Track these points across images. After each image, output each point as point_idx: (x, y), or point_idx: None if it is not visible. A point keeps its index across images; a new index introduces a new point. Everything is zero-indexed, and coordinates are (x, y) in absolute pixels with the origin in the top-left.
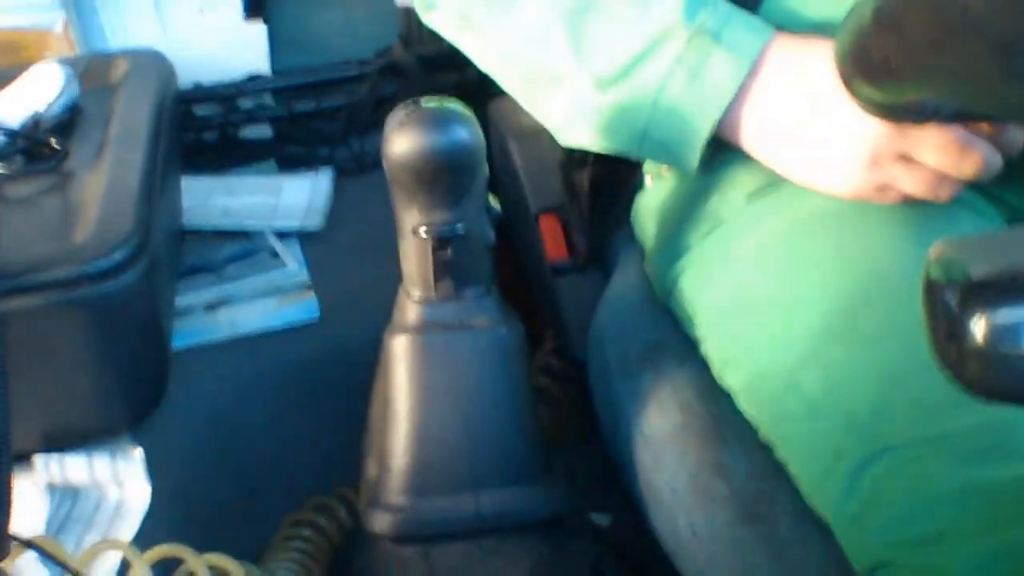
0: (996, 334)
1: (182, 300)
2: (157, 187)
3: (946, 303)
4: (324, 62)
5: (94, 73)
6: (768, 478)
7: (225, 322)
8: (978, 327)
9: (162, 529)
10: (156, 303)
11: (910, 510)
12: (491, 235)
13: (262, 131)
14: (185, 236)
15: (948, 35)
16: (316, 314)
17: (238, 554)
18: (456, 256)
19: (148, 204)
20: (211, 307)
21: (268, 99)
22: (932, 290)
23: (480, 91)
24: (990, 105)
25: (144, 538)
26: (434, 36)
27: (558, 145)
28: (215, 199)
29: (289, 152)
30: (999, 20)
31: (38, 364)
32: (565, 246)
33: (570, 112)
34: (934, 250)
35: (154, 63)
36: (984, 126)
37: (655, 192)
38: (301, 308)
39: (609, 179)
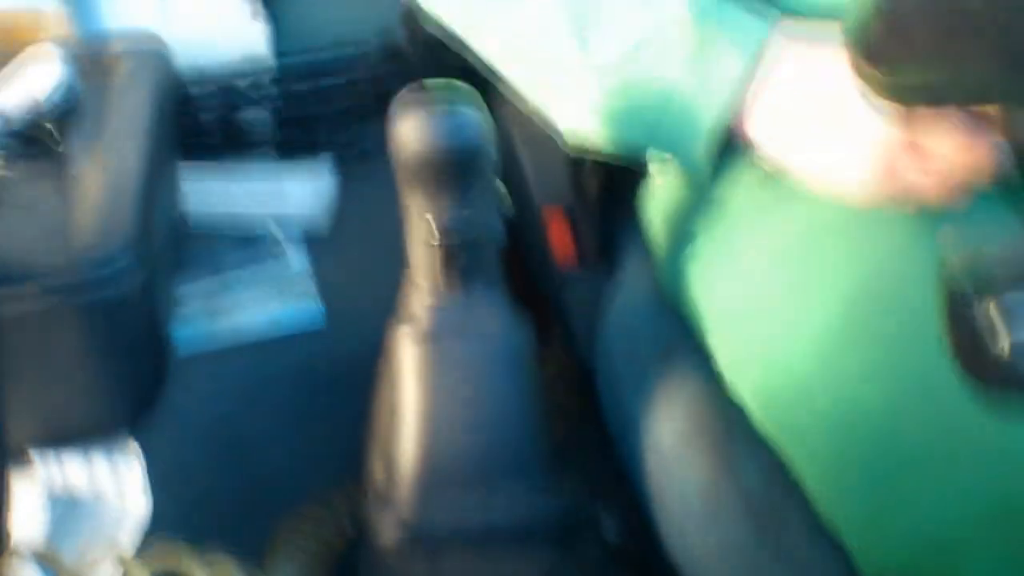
0: (1014, 331)
1: (183, 302)
2: (157, 183)
3: (966, 307)
4: (325, 47)
5: (91, 57)
6: (780, 487)
7: (227, 325)
8: (995, 324)
9: (162, 534)
10: (156, 304)
11: (923, 519)
12: (501, 233)
13: (261, 117)
14: (186, 236)
15: (948, 33)
16: (320, 315)
17: (240, 558)
18: (465, 254)
19: (148, 201)
20: (213, 310)
21: (268, 85)
22: (951, 294)
23: (484, 78)
24: (996, 97)
25: (144, 546)
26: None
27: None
28: (215, 186)
29: (290, 139)
30: (998, 21)
31: (35, 368)
32: (572, 245)
33: (575, 107)
34: (952, 252)
35: (152, 46)
36: (996, 120)
37: (664, 192)
38: (304, 311)
39: (617, 177)
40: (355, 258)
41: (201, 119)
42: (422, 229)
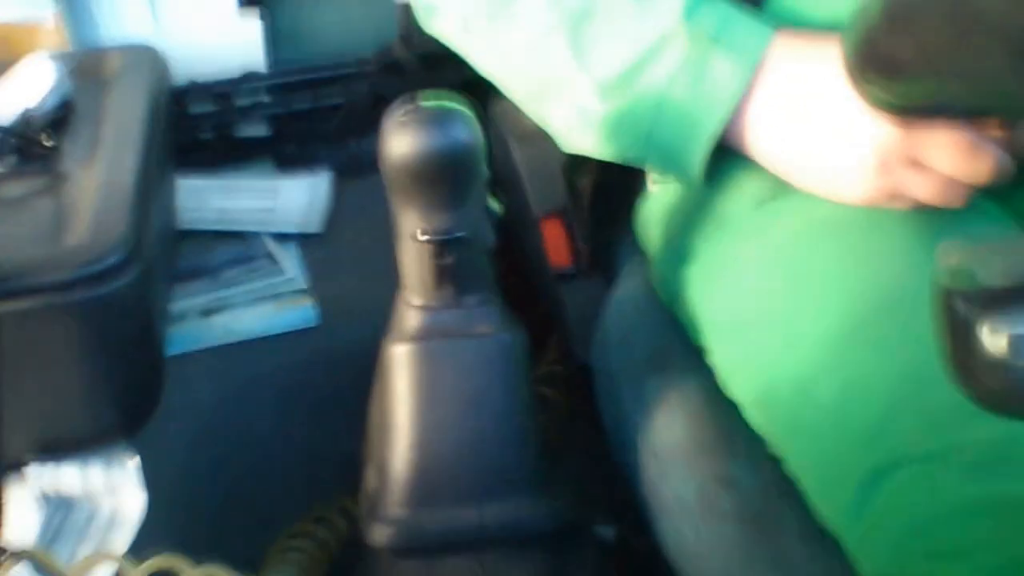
0: (1010, 345)
1: (177, 305)
2: (151, 187)
3: (959, 312)
4: (322, 59)
5: (87, 68)
6: (777, 492)
7: (221, 328)
8: (991, 338)
9: (157, 539)
10: (151, 307)
11: (921, 523)
12: (492, 238)
13: (258, 129)
14: (181, 239)
15: (962, 35)
16: (314, 320)
17: (235, 564)
18: (456, 261)
19: (142, 205)
20: (207, 312)
21: (264, 96)
22: (945, 299)
23: (481, 90)
24: (1004, 105)
25: (139, 548)
26: None
27: (561, 148)
28: (211, 201)
29: (286, 151)
30: (1016, 19)
31: (29, 370)
32: (568, 251)
33: (573, 118)
34: (946, 257)
35: (148, 58)
36: (995, 127)
37: (659, 197)
38: (299, 314)
39: (613, 183)
40: (349, 262)
41: (198, 131)
42: (413, 238)
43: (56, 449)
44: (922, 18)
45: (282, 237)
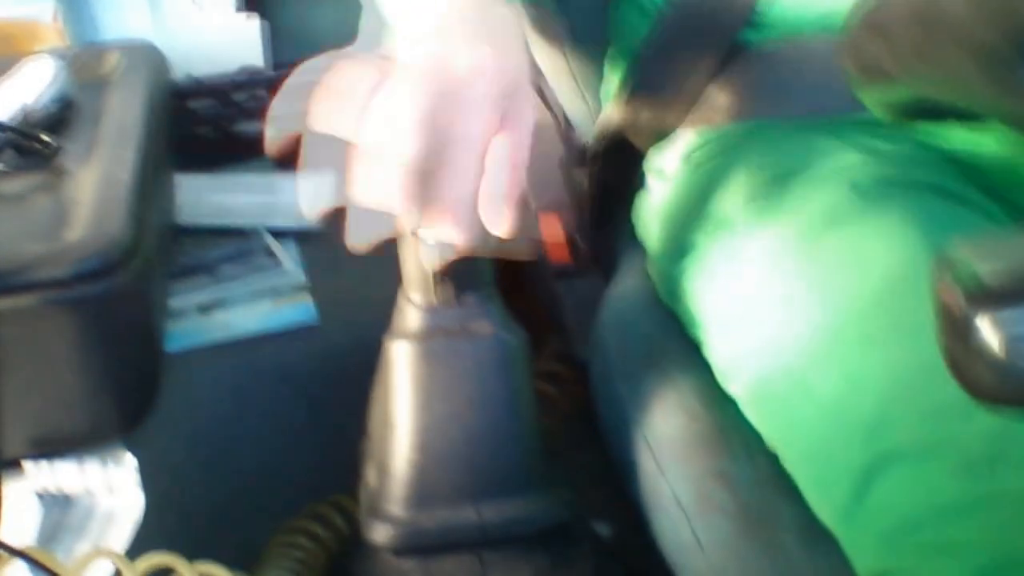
0: (1008, 342)
1: (176, 301)
2: (150, 184)
3: (957, 308)
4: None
5: (86, 65)
6: (773, 487)
7: (220, 324)
8: (989, 334)
9: (154, 537)
10: (149, 304)
11: (916, 517)
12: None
13: (258, 126)
14: (180, 235)
15: (930, 42)
16: (313, 317)
17: (232, 563)
18: (457, 260)
19: (141, 202)
20: (205, 309)
21: (264, 93)
22: (942, 294)
23: None
24: (979, 107)
25: (136, 546)
26: None
27: (557, 144)
28: (210, 197)
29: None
30: (979, 27)
31: (27, 367)
32: (566, 248)
33: None
34: (945, 252)
35: (147, 55)
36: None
37: (657, 192)
38: (298, 311)
39: (610, 179)
40: (349, 260)
41: (198, 129)
42: (412, 235)
43: (54, 446)
44: (894, 27)
45: (281, 234)
